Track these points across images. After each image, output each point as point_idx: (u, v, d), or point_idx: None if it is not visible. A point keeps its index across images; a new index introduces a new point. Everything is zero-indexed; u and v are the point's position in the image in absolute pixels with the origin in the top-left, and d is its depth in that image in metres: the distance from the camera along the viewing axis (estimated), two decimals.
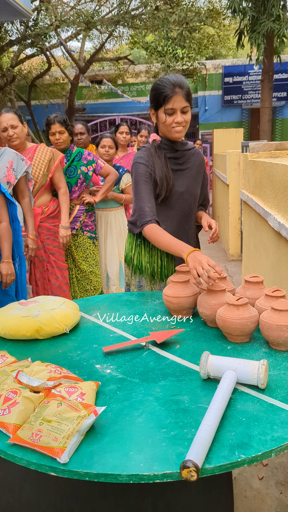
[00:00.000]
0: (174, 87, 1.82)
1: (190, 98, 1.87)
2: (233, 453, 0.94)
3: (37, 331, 1.56)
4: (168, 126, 1.90)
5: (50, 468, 0.94)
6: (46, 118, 3.28)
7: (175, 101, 1.83)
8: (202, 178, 2.15)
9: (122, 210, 3.90)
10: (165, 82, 1.85)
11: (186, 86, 1.86)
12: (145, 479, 0.90)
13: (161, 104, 1.86)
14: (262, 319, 1.41)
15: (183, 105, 1.85)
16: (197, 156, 2.11)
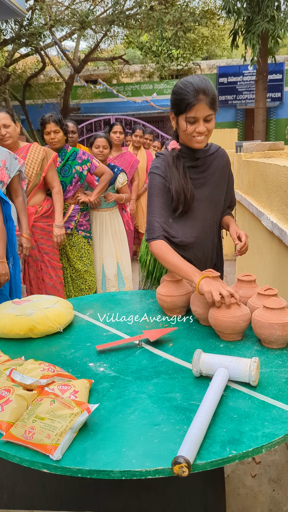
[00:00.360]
0: (197, 94, 1.61)
1: (215, 105, 1.68)
2: (224, 449, 0.95)
3: (30, 330, 1.56)
4: (188, 135, 1.71)
5: (43, 465, 0.95)
6: (41, 117, 3.28)
7: (198, 110, 1.64)
8: (227, 180, 1.97)
9: (117, 210, 3.91)
10: (188, 87, 1.63)
11: (211, 92, 1.65)
12: (137, 475, 0.91)
13: (182, 112, 1.67)
14: (254, 317, 1.43)
15: (206, 113, 1.66)
16: (220, 158, 1.92)
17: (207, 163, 1.88)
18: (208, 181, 1.89)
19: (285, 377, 1.23)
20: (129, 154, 5.00)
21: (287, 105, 15.82)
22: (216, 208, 1.94)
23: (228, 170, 1.98)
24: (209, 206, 1.90)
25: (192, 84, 1.64)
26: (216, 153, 1.92)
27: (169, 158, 1.81)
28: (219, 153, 1.94)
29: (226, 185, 1.96)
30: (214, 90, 1.68)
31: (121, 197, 3.77)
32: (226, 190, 1.97)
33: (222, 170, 1.93)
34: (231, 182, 2.01)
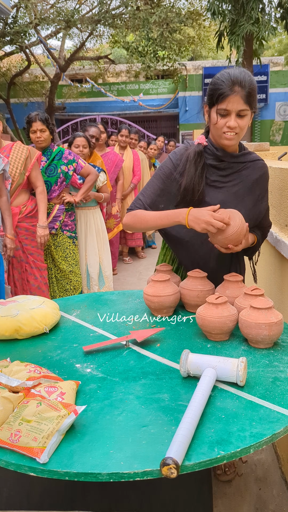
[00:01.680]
0: (233, 85, 1.51)
1: (252, 100, 1.54)
2: (212, 450, 0.95)
3: (16, 331, 1.54)
4: (218, 129, 1.59)
5: (29, 468, 0.93)
6: (27, 116, 3.25)
7: (231, 102, 1.52)
8: (256, 199, 1.74)
9: (99, 209, 3.91)
10: (225, 77, 1.53)
11: (249, 85, 1.53)
12: (125, 477, 0.90)
13: (215, 103, 1.56)
14: (241, 317, 1.43)
15: (240, 107, 1.53)
16: (254, 171, 1.72)
17: (234, 169, 1.71)
18: (227, 188, 1.71)
19: (272, 377, 1.23)
20: (113, 154, 4.99)
21: (272, 106, 15.99)
22: None
23: (261, 187, 1.75)
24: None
25: (229, 74, 1.54)
26: (252, 164, 1.72)
27: (191, 152, 1.69)
28: (256, 165, 1.73)
29: (252, 202, 1.73)
30: (254, 85, 1.55)
31: (100, 196, 3.77)
32: (251, 208, 1.73)
33: (252, 184, 1.72)
34: (264, 203, 1.77)
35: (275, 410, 1.08)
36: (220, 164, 1.70)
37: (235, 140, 1.61)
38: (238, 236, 1.57)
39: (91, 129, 4.04)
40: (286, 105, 15.93)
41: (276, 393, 1.15)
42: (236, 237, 1.57)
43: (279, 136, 16.08)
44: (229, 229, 1.54)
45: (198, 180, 1.67)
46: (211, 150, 1.69)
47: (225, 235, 1.55)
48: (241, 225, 1.55)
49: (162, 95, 17.02)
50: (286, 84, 15.93)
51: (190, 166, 1.67)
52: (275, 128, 16.09)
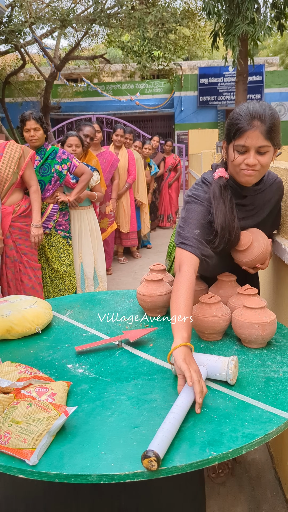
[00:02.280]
0: (252, 120, 1.40)
1: (274, 136, 1.42)
2: (204, 451, 0.94)
3: (8, 331, 1.53)
4: (236, 166, 1.48)
5: (18, 470, 0.92)
6: (21, 114, 3.23)
7: (249, 137, 1.40)
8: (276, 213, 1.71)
9: (92, 209, 3.90)
10: (243, 111, 1.43)
11: (270, 119, 1.40)
12: (115, 479, 0.89)
13: (232, 138, 1.46)
14: (234, 317, 1.43)
15: (259, 143, 1.41)
16: (273, 192, 1.64)
17: (257, 199, 1.62)
18: (254, 218, 1.64)
19: (264, 377, 1.23)
20: (108, 153, 4.97)
21: None
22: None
23: (278, 205, 1.70)
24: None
25: (247, 108, 1.42)
26: (269, 188, 1.63)
27: (215, 188, 1.55)
28: (274, 186, 1.64)
29: (271, 219, 1.70)
30: (276, 118, 1.43)
31: (93, 195, 3.76)
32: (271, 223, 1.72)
33: (272, 202, 1.66)
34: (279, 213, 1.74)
35: (268, 410, 1.07)
36: (243, 201, 1.60)
37: (255, 178, 1.49)
38: (264, 255, 1.59)
39: (85, 128, 4.02)
40: (281, 105, 15.98)
41: (269, 393, 1.15)
42: (262, 257, 1.59)
43: None
44: (255, 250, 1.57)
45: (231, 216, 1.54)
46: (232, 187, 1.58)
47: (252, 257, 1.59)
48: (265, 244, 1.58)
49: (158, 95, 17.02)
50: (281, 84, 15.98)
51: (219, 203, 1.53)
52: None
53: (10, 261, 3.00)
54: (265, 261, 1.61)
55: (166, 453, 0.93)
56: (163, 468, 0.90)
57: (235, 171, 1.50)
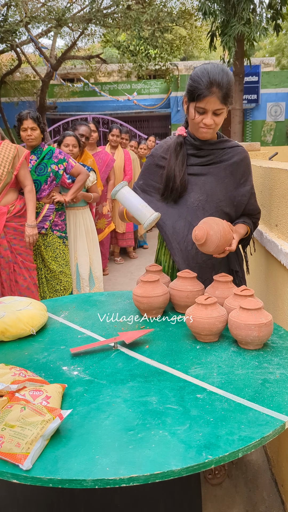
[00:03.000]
0: (211, 86, 1.58)
1: (227, 99, 1.63)
2: (200, 454, 0.93)
3: (2, 333, 1.51)
4: (195, 124, 1.70)
5: (12, 475, 0.90)
6: (18, 114, 3.22)
7: (208, 102, 1.61)
8: (238, 182, 1.82)
9: (88, 209, 3.88)
10: (204, 76, 1.59)
11: (227, 86, 1.60)
12: (110, 483, 0.88)
13: (193, 100, 1.64)
14: (230, 318, 1.42)
15: (216, 107, 1.62)
16: (234, 155, 1.81)
17: (214, 155, 1.80)
18: (210, 173, 1.80)
19: (261, 379, 1.22)
20: (104, 153, 4.96)
21: (263, 107, 16.05)
22: (218, 206, 1.79)
23: (242, 170, 1.82)
24: (208, 201, 1.79)
25: (208, 74, 1.59)
26: (231, 150, 1.81)
27: (173, 144, 1.82)
28: (236, 150, 1.82)
29: (233, 185, 1.81)
30: (231, 83, 1.63)
31: (89, 196, 3.74)
32: (233, 190, 1.81)
33: (232, 167, 1.80)
34: (247, 187, 1.83)
35: (264, 413, 1.06)
36: (199, 152, 1.80)
37: (210, 134, 1.73)
38: (226, 239, 1.60)
39: (81, 128, 4.00)
40: (277, 105, 16.01)
41: (265, 395, 1.14)
42: (224, 241, 1.60)
43: (270, 136, 16.15)
44: (213, 239, 1.59)
45: (179, 168, 1.77)
46: (189, 141, 1.80)
47: (214, 245, 1.60)
48: (221, 229, 1.59)
49: (154, 95, 17.02)
50: (277, 84, 16.01)
51: (171, 156, 1.80)
52: (266, 129, 16.16)
53: (4, 261, 2.98)
54: (229, 242, 1.64)
55: (161, 457, 0.92)
56: (159, 472, 0.89)
57: (195, 128, 1.73)
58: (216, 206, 1.80)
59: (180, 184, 1.78)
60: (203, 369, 1.29)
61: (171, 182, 1.79)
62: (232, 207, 1.82)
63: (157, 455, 0.93)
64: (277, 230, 1.98)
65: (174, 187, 1.79)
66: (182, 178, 1.77)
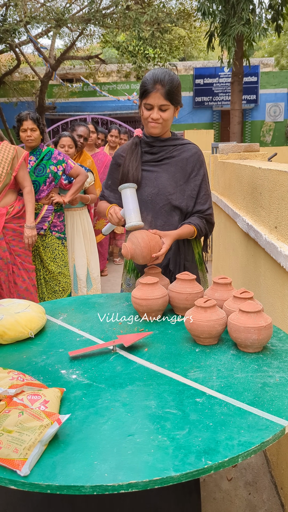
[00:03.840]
0: (155, 84, 1.79)
1: (172, 97, 1.81)
2: (199, 460, 0.92)
3: (0, 336, 1.50)
4: (144, 120, 1.88)
5: (9, 481, 0.90)
6: (18, 114, 3.21)
7: (153, 98, 1.80)
8: (188, 176, 1.96)
9: (86, 210, 3.87)
10: (150, 76, 1.81)
11: (169, 84, 1.79)
12: (109, 489, 0.87)
13: (142, 98, 1.84)
14: (230, 321, 1.41)
15: (161, 102, 1.81)
16: (185, 152, 1.97)
17: (165, 151, 1.96)
18: (162, 169, 1.96)
19: (261, 382, 1.21)
20: (103, 154, 4.95)
21: (262, 107, 16.05)
22: (167, 199, 1.93)
23: (192, 165, 1.97)
24: (158, 194, 1.94)
25: (152, 74, 1.81)
26: (182, 147, 1.98)
27: (129, 143, 2.01)
28: (186, 147, 1.98)
29: (183, 179, 1.96)
30: (175, 83, 1.81)
31: (86, 198, 3.74)
32: (183, 184, 1.95)
33: (183, 162, 1.96)
34: (197, 181, 1.96)
35: (264, 417, 1.05)
36: (152, 149, 1.97)
37: (159, 129, 1.88)
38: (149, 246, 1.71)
39: (79, 128, 3.99)
40: (276, 106, 16.01)
41: (265, 399, 1.13)
42: (149, 249, 1.72)
43: (270, 137, 16.15)
44: (137, 251, 1.73)
45: (133, 164, 1.95)
46: (144, 140, 1.98)
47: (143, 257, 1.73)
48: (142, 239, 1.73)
49: None
50: (276, 85, 16.01)
51: (127, 154, 1.99)
52: (265, 129, 16.15)
53: (3, 263, 2.97)
54: (156, 248, 1.75)
55: (160, 462, 0.92)
56: (158, 478, 0.88)
57: (145, 124, 1.90)
58: (165, 199, 1.95)
59: (132, 179, 1.93)
60: (202, 372, 1.28)
61: (126, 177, 1.95)
62: (183, 200, 1.95)
63: (156, 461, 0.92)
64: (276, 232, 1.97)
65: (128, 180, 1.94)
66: (134, 174, 1.94)
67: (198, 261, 2.07)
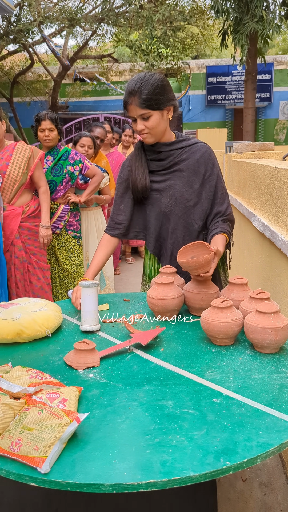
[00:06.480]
0: (128, 95, 1.70)
1: (150, 103, 1.68)
2: (218, 460, 0.92)
3: (18, 335, 1.52)
4: (135, 132, 1.83)
5: (30, 478, 0.91)
6: (37, 114, 3.25)
7: (130, 110, 1.73)
8: (203, 178, 1.86)
9: (100, 210, 3.89)
10: (126, 88, 1.72)
11: (144, 91, 1.66)
12: (128, 488, 0.88)
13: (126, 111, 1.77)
14: (246, 321, 1.41)
15: (138, 113, 1.71)
16: (194, 153, 1.85)
17: (174, 155, 1.85)
18: (174, 176, 1.87)
19: (278, 383, 1.21)
20: (117, 154, 4.96)
21: (275, 105, 15.91)
22: (186, 207, 1.86)
23: (205, 166, 1.86)
24: (176, 203, 1.87)
25: (127, 84, 1.72)
26: (190, 148, 1.86)
27: (134, 150, 1.92)
28: (195, 147, 1.86)
29: (199, 182, 1.85)
30: (151, 87, 1.67)
31: (101, 199, 3.75)
32: (199, 187, 1.85)
33: (194, 164, 1.85)
34: (213, 181, 1.86)
35: (282, 419, 1.05)
36: (159, 155, 1.86)
37: (149, 138, 1.79)
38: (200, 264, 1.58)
39: (96, 129, 4.01)
40: None
41: (283, 401, 1.13)
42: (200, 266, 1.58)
43: (283, 135, 16.01)
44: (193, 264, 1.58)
45: (139, 171, 1.86)
46: (148, 146, 1.87)
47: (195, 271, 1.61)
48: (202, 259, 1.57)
49: None
50: None
51: (132, 162, 1.89)
52: (279, 127, 16.01)
53: (19, 261, 3.00)
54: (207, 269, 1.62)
55: (179, 462, 0.92)
56: (177, 478, 0.88)
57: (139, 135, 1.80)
58: (184, 207, 1.87)
59: (140, 186, 1.86)
60: (219, 373, 1.28)
61: (135, 185, 1.87)
62: (201, 205, 1.87)
63: (175, 460, 0.93)
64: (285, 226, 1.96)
65: (136, 190, 1.87)
66: (141, 179, 1.85)
67: (221, 260, 2.00)
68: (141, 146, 1.90)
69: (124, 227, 1.96)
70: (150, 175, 1.88)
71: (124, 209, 1.95)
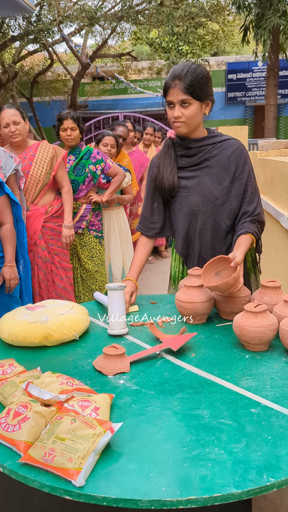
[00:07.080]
0: (173, 79, 1.67)
1: (194, 90, 1.65)
2: (261, 476, 0.88)
3: (45, 338, 1.49)
4: (169, 119, 1.75)
5: (65, 491, 0.88)
6: (59, 113, 3.24)
7: (172, 94, 1.68)
8: (233, 175, 1.79)
9: (122, 209, 3.86)
10: (169, 73, 1.71)
11: (188, 77, 1.65)
12: (167, 505, 0.84)
13: (164, 97, 1.74)
14: (282, 327, 1.35)
15: (180, 98, 1.67)
16: (225, 149, 1.80)
17: (204, 152, 1.81)
18: (203, 173, 1.82)
19: None
20: (139, 153, 4.93)
21: None
22: (214, 206, 1.81)
23: (236, 163, 1.79)
24: (205, 202, 1.82)
25: (172, 70, 1.70)
26: (221, 144, 1.81)
27: (163, 146, 1.88)
28: (226, 144, 1.81)
29: (229, 179, 1.79)
30: (197, 75, 1.66)
31: (123, 199, 3.72)
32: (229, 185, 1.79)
33: (225, 161, 1.79)
34: (243, 179, 1.79)
35: None
36: (188, 151, 1.82)
37: (183, 128, 1.74)
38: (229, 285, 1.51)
39: (119, 128, 3.98)
40: None
41: None
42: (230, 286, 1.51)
43: None
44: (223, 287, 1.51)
45: (168, 168, 1.83)
46: (178, 142, 1.83)
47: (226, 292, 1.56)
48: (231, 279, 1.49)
49: None
50: None
51: (162, 160, 1.85)
52: None
53: (42, 261, 2.99)
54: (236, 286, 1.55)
55: (220, 478, 0.87)
56: (219, 495, 0.84)
57: (171, 124, 1.76)
58: (212, 206, 1.83)
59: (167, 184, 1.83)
60: (254, 380, 1.23)
61: (163, 184, 1.84)
62: (230, 203, 1.82)
63: (215, 476, 0.88)
64: None
65: (163, 188, 1.85)
66: (169, 177, 1.82)
67: (251, 263, 1.96)
68: (171, 142, 1.86)
69: (160, 226, 1.95)
70: (179, 171, 1.84)
71: (158, 208, 1.93)
